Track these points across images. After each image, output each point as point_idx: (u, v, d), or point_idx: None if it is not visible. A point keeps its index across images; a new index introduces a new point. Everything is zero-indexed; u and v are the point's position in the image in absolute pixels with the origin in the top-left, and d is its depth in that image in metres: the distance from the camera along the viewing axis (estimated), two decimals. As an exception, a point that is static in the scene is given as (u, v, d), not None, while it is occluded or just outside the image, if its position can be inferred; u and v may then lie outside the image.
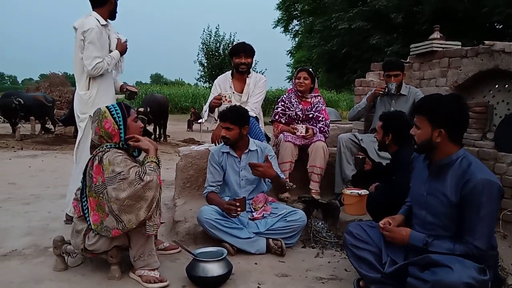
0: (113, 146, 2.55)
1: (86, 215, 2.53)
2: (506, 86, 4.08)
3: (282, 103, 4.27)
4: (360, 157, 3.23)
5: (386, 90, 4.05)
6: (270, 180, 3.34)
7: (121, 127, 2.58)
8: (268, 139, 4.34)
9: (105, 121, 2.56)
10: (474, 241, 2.02)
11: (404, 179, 2.82)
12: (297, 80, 4.16)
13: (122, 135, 2.59)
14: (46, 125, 12.46)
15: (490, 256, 2.12)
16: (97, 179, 2.47)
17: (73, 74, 3.73)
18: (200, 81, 26.87)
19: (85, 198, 2.55)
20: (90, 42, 3.46)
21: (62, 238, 2.75)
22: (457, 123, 2.13)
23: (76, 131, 11.45)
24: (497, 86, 4.17)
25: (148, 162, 2.51)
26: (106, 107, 2.64)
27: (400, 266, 2.19)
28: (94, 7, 3.62)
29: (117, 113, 2.60)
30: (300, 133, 3.98)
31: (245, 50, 4.10)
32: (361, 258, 2.41)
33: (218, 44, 25.08)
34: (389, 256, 2.31)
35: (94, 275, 2.67)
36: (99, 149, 2.55)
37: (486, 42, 3.99)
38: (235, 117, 3.22)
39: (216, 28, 25.24)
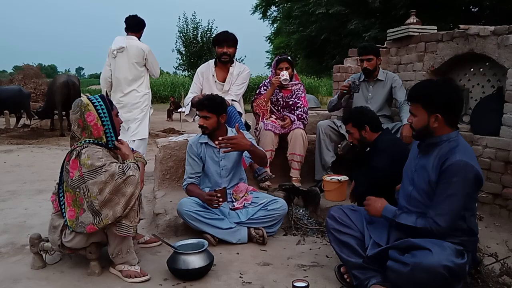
0: (91, 141, 2.49)
1: (63, 210, 2.48)
2: (481, 69, 4.13)
3: (264, 87, 4.25)
4: (351, 143, 3.22)
5: (352, 90, 4.00)
6: (249, 155, 3.30)
7: (106, 123, 2.52)
8: (248, 128, 4.32)
9: (87, 113, 2.49)
10: (435, 217, 2.07)
11: (381, 163, 2.85)
12: (279, 71, 4.10)
13: (108, 131, 2.54)
14: (22, 117, 12.14)
15: (470, 241, 2.17)
16: (74, 173, 2.41)
17: (47, 65, 3.87)
18: (178, 69, 26.42)
19: (62, 193, 2.50)
20: (154, 57, 4.86)
21: (39, 236, 2.69)
22: (452, 106, 2.17)
23: (52, 124, 11.28)
24: (472, 69, 4.22)
25: (130, 161, 2.49)
26: (89, 98, 2.55)
27: (382, 250, 2.22)
28: (130, 31, 4.75)
29: (102, 108, 2.52)
30: (282, 75, 3.98)
31: (228, 40, 4.07)
32: (343, 242, 2.42)
33: (195, 31, 24.72)
34: (371, 238, 2.33)
35: (73, 271, 2.62)
36: (77, 144, 2.49)
37: (461, 26, 4.01)
38: (212, 105, 3.19)
39: (193, 15, 24.89)
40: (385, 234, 2.32)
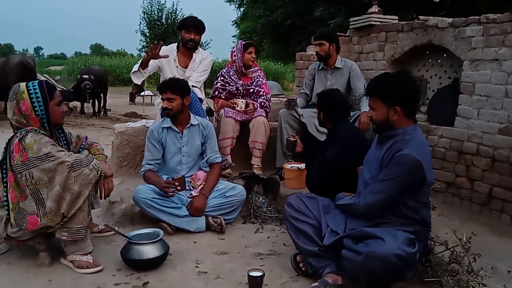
0: (35, 130, 2.37)
1: (5, 193, 2.34)
2: (439, 60, 4.22)
3: (222, 78, 4.16)
4: (292, 139, 3.24)
5: (288, 106, 4.02)
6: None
7: (40, 113, 2.38)
8: (212, 113, 4.26)
9: (22, 102, 2.36)
10: (366, 193, 2.21)
11: (331, 154, 2.87)
12: (248, 55, 4.04)
13: (42, 121, 2.41)
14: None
15: (422, 231, 2.23)
16: (16, 158, 2.29)
17: (4, 44, 3.83)
18: (142, 51, 25.92)
19: (5, 172, 2.37)
20: None
21: (-17, 227, 2.55)
22: (410, 98, 2.20)
23: (5, 106, 10.76)
24: (430, 60, 4.31)
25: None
26: (27, 86, 2.39)
27: (338, 239, 2.24)
28: None
29: (37, 96, 2.38)
30: (240, 108, 3.93)
31: (196, 26, 3.90)
32: (299, 230, 2.43)
33: (160, 13, 24.17)
34: (329, 226, 2.35)
35: (21, 262, 2.51)
36: (22, 129, 2.36)
37: (421, 17, 4.08)
38: (176, 86, 3.13)
39: (157, -5, 24.29)
40: (342, 223, 2.35)
